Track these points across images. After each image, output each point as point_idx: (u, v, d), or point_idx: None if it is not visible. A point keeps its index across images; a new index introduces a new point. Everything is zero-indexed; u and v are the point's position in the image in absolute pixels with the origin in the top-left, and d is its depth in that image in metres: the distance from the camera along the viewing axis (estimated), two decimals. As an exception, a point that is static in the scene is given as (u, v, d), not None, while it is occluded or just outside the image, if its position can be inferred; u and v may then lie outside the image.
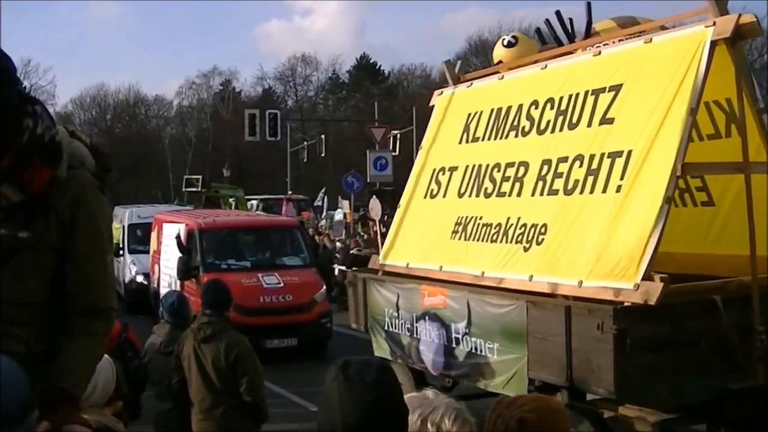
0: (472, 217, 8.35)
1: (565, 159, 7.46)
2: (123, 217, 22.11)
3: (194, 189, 36.58)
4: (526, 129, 8.17)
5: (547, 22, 8.87)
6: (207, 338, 6.04)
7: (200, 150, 69.28)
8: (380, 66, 77.87)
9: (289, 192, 43.25)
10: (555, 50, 8.64)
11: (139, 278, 19.67)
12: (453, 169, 9.01)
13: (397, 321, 8.77)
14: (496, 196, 8.19)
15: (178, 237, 15.11)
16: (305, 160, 52.98)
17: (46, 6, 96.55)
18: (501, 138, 8.49)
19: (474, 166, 8.68)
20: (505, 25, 61.35)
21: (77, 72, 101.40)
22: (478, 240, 8.13)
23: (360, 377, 2.15)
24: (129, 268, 20.54)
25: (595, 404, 7.11)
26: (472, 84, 9.43)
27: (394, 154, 33.14)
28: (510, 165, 8.17)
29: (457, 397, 2.66)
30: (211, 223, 15.82)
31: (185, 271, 14.27)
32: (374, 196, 24.52)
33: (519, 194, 7.90)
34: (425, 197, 9.31)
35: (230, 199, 28.37)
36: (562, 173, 7.42)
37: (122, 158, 67.46)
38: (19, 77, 2.44)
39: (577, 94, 7.64)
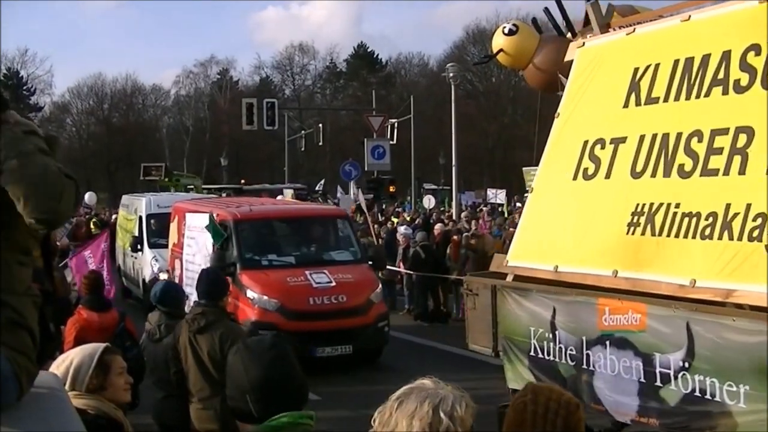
0: (660, 204, 6.12)
1: (825, 121, 5.24)
2: (139, 207, 19.08)
3: (153, 178, 34.48)
4: (742, 83, 5.93)
5: (546, 10, 8.70)
6: (201, 329, 5.96)
7: (197, 139, 68.93)
8: (378, 55, 77.88)
9: (242, 181, 42.28)
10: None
11: (162, 276, 15.90)
12: (618, 140, 6.77)
13: (551, 345, 6.50)
14: (701, 174, 5.95)
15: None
16: (303, 149, 53.40)
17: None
18: (697, 97, 6.26)
19: (654, 135, 6.45)
20: (503, 14, 60.29)
21: (74, 62, 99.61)
22: (676, 236, 5.90)
23: (258, 344, 2.59)
24: (150, 265, 17.31)
25: None
26: (634, 30, 7.17)
27: (391, 142, 33.43)
28: (719, 132, 5.93)
29: None
30: (248, 213, 13.42)
31: (220, 268, 11.87)
32: (352, 183, 23.39)
33: (742, 172, 5.66)
34: (574, 178, 7.05)
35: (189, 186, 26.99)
36: (823, 142, 5.21)
37: (119, 148, 66.36)
38: None
39: (835, 32, 5.42)
